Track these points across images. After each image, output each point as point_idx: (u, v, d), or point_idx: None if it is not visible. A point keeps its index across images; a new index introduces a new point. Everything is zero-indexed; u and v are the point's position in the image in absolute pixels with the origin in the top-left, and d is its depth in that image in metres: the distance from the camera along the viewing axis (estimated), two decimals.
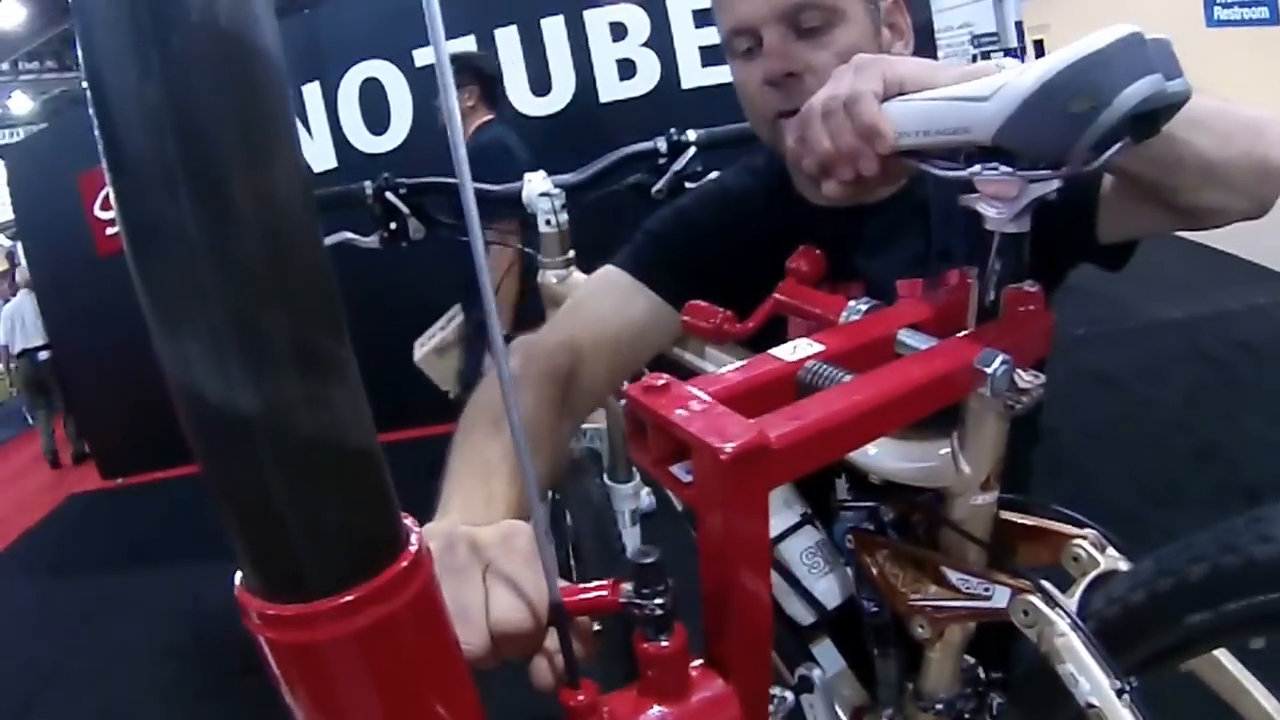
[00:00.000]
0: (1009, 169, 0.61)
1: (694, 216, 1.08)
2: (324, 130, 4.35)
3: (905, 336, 0.67)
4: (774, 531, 0.99)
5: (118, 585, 3.90)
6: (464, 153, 0.37)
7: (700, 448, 0.45)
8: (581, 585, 0.47)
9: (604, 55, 4.11)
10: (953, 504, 0.77)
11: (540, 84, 4.16)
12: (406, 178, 1.37)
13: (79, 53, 0.33)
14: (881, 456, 0.77)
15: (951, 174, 0.64)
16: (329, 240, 1.24)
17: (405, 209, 1.34)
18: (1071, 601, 0.71)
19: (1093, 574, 0.74)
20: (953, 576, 0.78)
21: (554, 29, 4.11)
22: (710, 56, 3.96)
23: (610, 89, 4.14)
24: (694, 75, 4.04)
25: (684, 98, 4.01)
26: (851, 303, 0.74)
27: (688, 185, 1.33)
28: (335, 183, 1.45)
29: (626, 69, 4.11)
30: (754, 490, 0.46)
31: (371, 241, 1.35)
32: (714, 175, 1.22)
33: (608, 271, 1.06)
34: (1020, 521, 0.80)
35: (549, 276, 1.36)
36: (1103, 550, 0.76)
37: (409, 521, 0.40)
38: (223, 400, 0.32)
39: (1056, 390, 0.75)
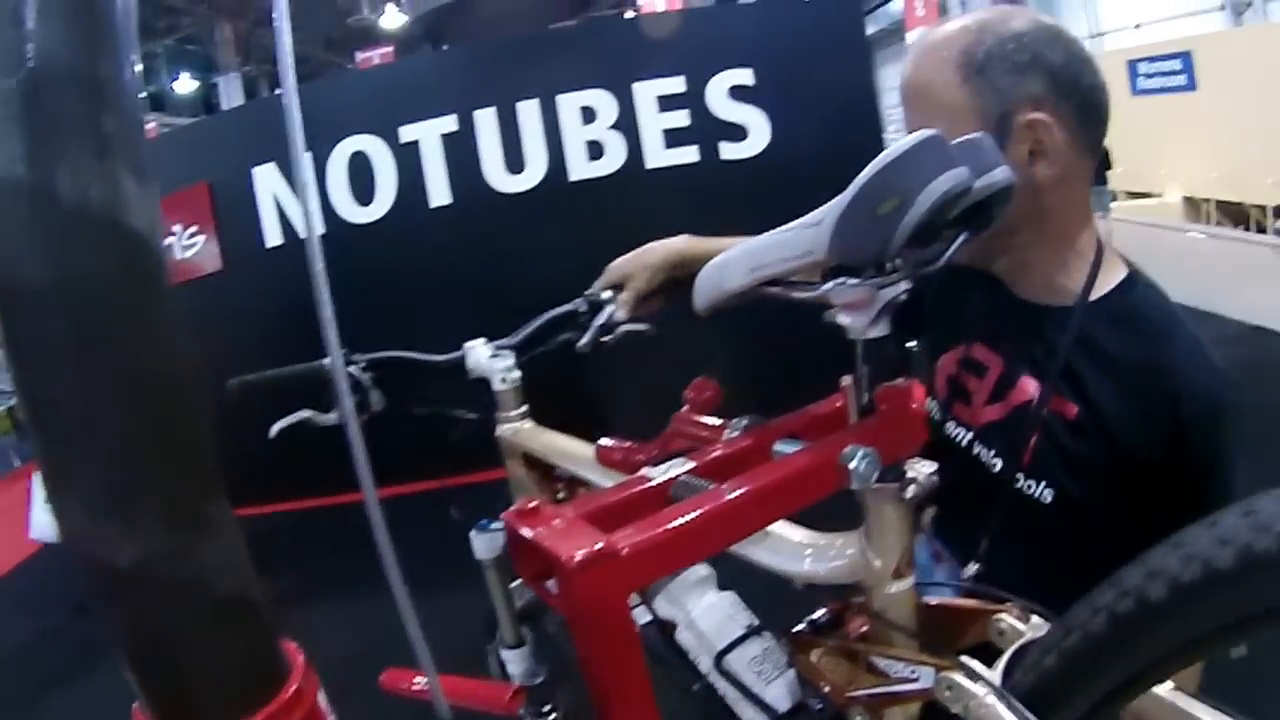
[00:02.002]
0: (856, 280, 0.72)
1: None
2: (314, 201, 4.69)
3: (780, 445, 0.78)
4: (721, 644, 1.08)
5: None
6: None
7: (553, 560, 0.55)
8: (484, 683, 0.57)
9: (574, 136, 4.54)
10: (872, 595, 0.85)
11: (515, 163, 4.58)
12: (362, 353, 1.49)
13: None
14: (794, 561, 0.85)
15: (809, 295, 0.76)
16: (289, 420, 1.38)
17: (367, 382, 1.45)
18: (995, 673, 0.77)
19: (1016, 644, 0.80)
20: (881, 664, 0.85)
21: (529, 111, 4.55)
22: (672, 139, 4.45)
23: (580, 168, 4.57)
24: (657, 156, 4.50)
25: (648, 177, 4.46)
26: (733, 421, 0.85)
27: (605, 340, 1.51)
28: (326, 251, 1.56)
29: (595, 150, 4.53)
30: (609, 595, 0.56)
31: (332, 418, 1.43)
32: None
33: None
34: (944, 605, 0.88)
35: (506, 430, 1.51)
36: (1027, 621, 0.82)
37: (293, 648, 0.48)
38: (103, 554, 0.39)
39: None
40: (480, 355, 1.51)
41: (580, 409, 1.48)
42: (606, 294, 1.56)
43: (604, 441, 0.98)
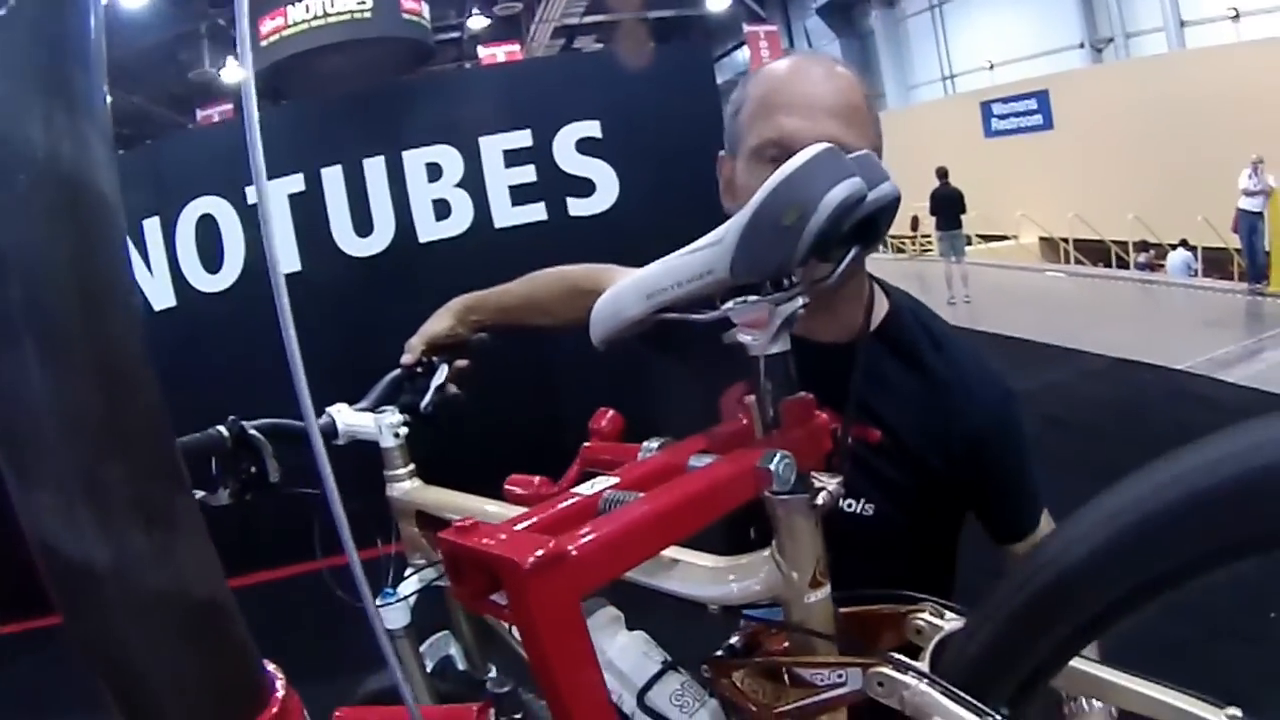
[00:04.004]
0: (755, 298, 0.82)
1: None
2: (163, 267, 4.66)
3: (694, 461, 0.87)
4: (639, 682, 1.17)
5: None
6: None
7: (505, 565, 0.62)
8: (450, 708, 0.62)
9: (421, 195, 4.62)
10: (791, 608, 0.94)
11: (363, 225, 4.63)
12: (248, 420, 1.50)
13: None
14: (709, 587, 0.94)
15: (708, 317, 0.85)
16: None
17: (268, 447, 1.45)
18: (923, 664, 0.86)
19: (937, 638, 0.90)
20: (807, 675, 0.93)
21: (375, 169, 4.60)
22: (519, 196, 4.60)
23: (428, 229, 4.65)
24: (505, 215, 4.64)
25: (497, 237, 4.58)
26: (645, 443, 0.94)
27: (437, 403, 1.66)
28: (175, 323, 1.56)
29: (442, 209, 4.61)
30: (562, 598, 0.63)
31: (222, 498, 1.42)
32: None
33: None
34: (859, 611, 0.97)
35: (397, 490, 1.56)
36: (942, 616, 0.92)
37: (272, 669, 0.51)
38: (77, 554, 0.39)
39: None
40: (353, 416, 1.59)
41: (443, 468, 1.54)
42: (436, 356, 1.71)
43: (511, 479, 1.05)
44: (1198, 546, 0.70)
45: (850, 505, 1.29)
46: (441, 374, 1.69)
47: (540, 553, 0.62)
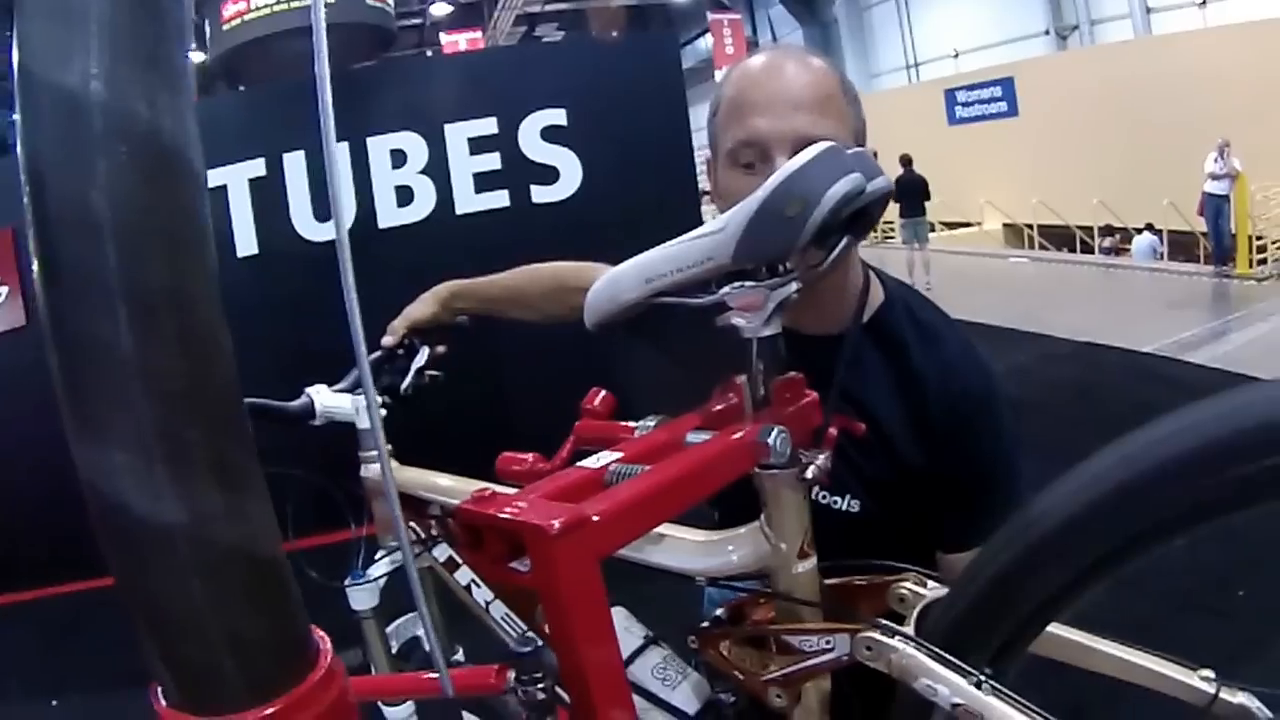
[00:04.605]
0: (753, 283, 0.89)
1: None
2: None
3: (691, 436, 0.94)
4: (623, 656, 1.21)
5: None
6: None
7: (531, 531, 0.68)
8: (470, 668, 0.66)
9: (384, 182, 4.68)
10: (779, 578, 1.00)
11: (323, 209, 4.63)
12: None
13: (19, 154, 0.42)
14: (700, 559, 1.01)
15: (705, 301, 0.92)
16: None
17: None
18: (908, 629, 0.92)
19: (920, 605, 0.96)
20: (794, 641, 0.99)
21: (339, 155, 4.51)
22: (482, 183, 4.66)
23: (389, 215, 4.70)
24: (467, 201, 4.71)
25: (457, 223, 4.66)
26: (642, 421, 1.00)
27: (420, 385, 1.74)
28: None
29: (405, 195, 4.68)
30: (584, 560, 0.69)
31: None
32: None
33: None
34: (843, 582, 1.04)
35: (373, 470, 1.62)
36: (924, 585, 0.99)
37: (319, 633, 0.54)
38: (148, 512, 0.41)
39: None
40: (332, 397, 1.63)
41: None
42: (418, 340, 1.77)
43: (504, 456, 1.11)
44: (1169, 510, 0.76)
45: (836, 502, 1.32)
46: (422, 356, 1.75)
47: (565, 518, 0.67)
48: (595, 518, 0.70)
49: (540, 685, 0.63)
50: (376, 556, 1.67)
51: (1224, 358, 7.08)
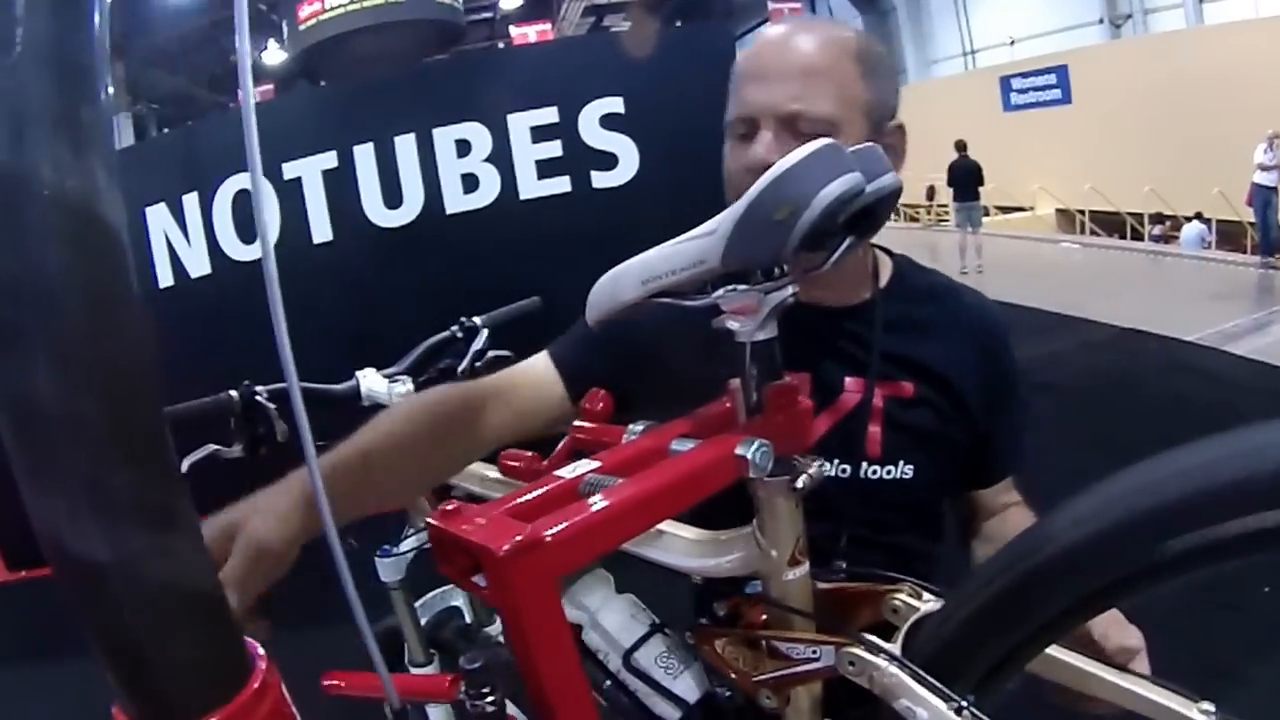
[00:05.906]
0: (745, 286, 0.82)
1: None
2: (200, 239, 4.71)
3: (676, 445, 0.88)
4: (626, 644, 1.20)
5: (19, 678, 3.90)
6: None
7: (482, 551, 0.63)
8: (422, 675, 0.64)
9: (450, 170, 4.63)
10: (769, 584, 0.95)
11: (393, 198, 4.65)
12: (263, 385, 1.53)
13: None
14: (694, 558, 0.96)
15: (699, 303, 0.86)
16: (195, 456, 1.39)
17: (274, 410, 1.49)
18: (895, 646, 0.87)
19: (912, 619, 0.91)
20: (783, 648, 0.95)
21: (405, 145, 4.63)
22: (545, 170, 4.57)
23: (455, 201, 4.65)
24: (531, 187, 4.62)
25: (522, 208, 4.56)
26: (630, 426, 0.95)
27: (478, 365, 1.69)
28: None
29: (470, 183, 4.61)
30: (538, 580, 0.64)
31: (235, 451, 1.49)
32: None
33: (537, 358, 1.27)
34: (838, 589, 0.98)
35: None
36: (919, 598, 0.93)
37: (254, 645, 0.53)
38: (87, 553, 0.43)
39: None
40: (375, 381, 1.60)
41: None
42: (479, 320, 1.75)
43: (506, 453, 1.08)
44: (1168, 555, 0.69)
45: (890, 471, 1.23)
46: (482, 339, 1.72)
47: (517, 538, 0.63)
48: (549, 539, 0.65)
49: (490, 700, 0.60)
50: (405, 533, 1.66)
51: (1264, 349, 6.79)
